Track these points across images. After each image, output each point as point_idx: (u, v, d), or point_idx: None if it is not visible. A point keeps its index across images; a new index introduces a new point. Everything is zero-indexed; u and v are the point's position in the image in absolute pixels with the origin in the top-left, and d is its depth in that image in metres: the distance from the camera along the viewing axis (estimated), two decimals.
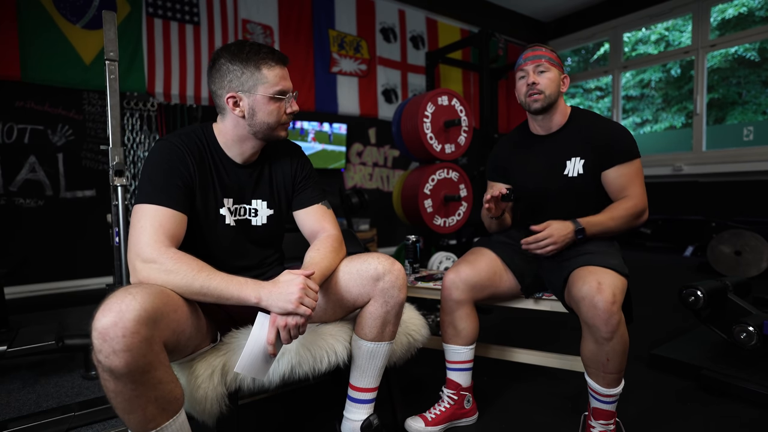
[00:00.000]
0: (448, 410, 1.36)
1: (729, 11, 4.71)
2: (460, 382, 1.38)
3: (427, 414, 1.35)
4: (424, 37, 5.07)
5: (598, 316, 1.08)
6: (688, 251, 4.27)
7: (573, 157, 1.36)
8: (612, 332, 1.08)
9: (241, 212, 1.13)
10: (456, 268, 1.37)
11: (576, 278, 1.16)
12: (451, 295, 1.35)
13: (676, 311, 2.37)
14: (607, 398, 1.17)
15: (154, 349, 0.78)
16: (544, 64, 1.34)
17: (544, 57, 1.34)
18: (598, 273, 1.13)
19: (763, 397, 1.41)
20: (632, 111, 5.68)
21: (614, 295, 1.08)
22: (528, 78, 1.35)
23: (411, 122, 2.53)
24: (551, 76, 1.33)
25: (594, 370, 1.16)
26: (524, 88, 1.36)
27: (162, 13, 3.49)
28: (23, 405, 1.51)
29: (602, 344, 1.11)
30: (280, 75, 1.05)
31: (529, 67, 1.35)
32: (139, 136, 3.38)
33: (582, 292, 1.11)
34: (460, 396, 1.38)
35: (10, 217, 2.99)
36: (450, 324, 1.37)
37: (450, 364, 1.39)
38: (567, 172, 1.36)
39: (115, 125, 1.59)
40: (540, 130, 1.43)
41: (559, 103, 1.38)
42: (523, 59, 1.37)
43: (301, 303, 0.89)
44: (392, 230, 4.75)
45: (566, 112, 1.41)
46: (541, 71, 1.34)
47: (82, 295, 3.10)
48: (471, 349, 1.37)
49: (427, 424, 1.33)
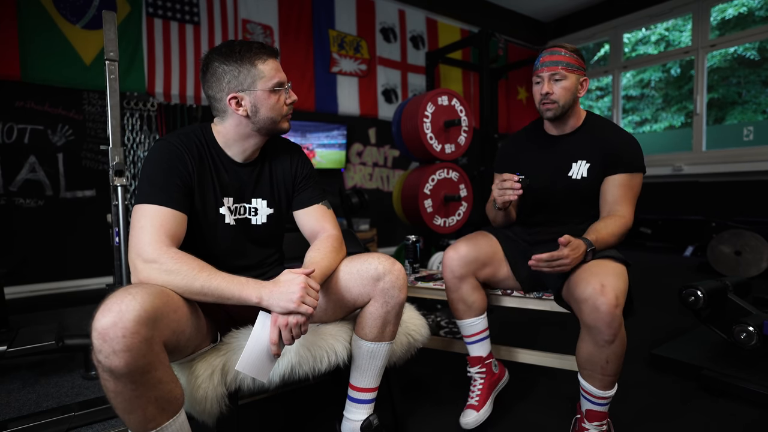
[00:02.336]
0: (485, 385, 1.40)
1: (729, 11, 4.71)
2: (482, 354, 1.42)
3: (470, 401, 1.39)
4: (424, 37, 5.07)
5: (600, 318, 1.07)
6: (688, 251, 4.27)
7: (579, 160, 1.36)
8: (614, 335, 1.08)
9: (241, 211, 1.13)
10: (454, 246, 1.39)
11: (578, 279, 1.15)
12: (453, 272, 1.36)
13: (676, 311, 2.37)
14: (602, 400, 1.15)
15: (154, 349, 0.78)
16: (560, 71, 1.29)
17: (561, 63, 1.30)
18: (601, 274, 1.12)
19: (763, 397, 1.41)
20: (632, 111, 5.68)
21: (617, 297, 1.07)
22: (543, 86, 1.31)
23: (411, 122, 2.53)
24: (567, 85, 1.30)
25: (590, 372, 1.15)
26: (538, 96, 1.34)
27: (162, 13, 3.49)
28: (23, 405, 1.51)
29: (603, 347, 1.10)
30: (274, 67, 1.05)
31: (545, 74, 1.31)
32: (139, 136, 3.38)
33: (585, 294, 1.10)
34: (487, 366, 1.42)
35: (10, 217, 2.98)
36: (459, 300, 1.39)
37: (468, 338, 1.42)
38: (571, 173, 1.36)
39: (115, 125, 1.59)
40: (554, 131, 1.43)
41: (574, 108, 1.36)
42: (540, 63, 1.33)
43: (302, 302, 0.89)
44: (392, 230, 4.75)
45: (581, 115, 1.40)
46: (556, 79, 1.30)
47: (82, 295, 3.10)
48: (484, 318, 1.41)
49: (479, 409, 1.36)
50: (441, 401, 1.52)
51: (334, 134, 4.28)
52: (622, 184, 1.31)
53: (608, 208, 1.32)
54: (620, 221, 1.28)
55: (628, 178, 1.31)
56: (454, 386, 1.62)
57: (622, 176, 1.31)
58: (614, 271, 1.15)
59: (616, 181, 1.31)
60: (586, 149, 1.35)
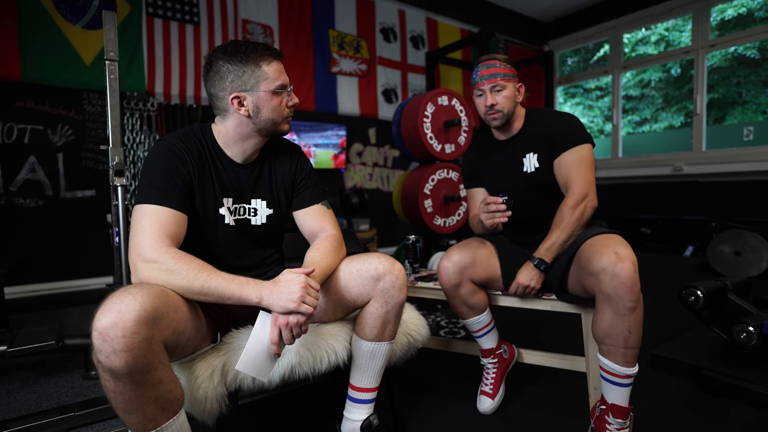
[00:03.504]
0: (498, 372, 1.48)
1: (728, 11, 4.70)
2: (492, 345, 1.48)
3: (484, 388, 1.47)
4: (424, 37, 5.07)
5: (622, 284, 1.07)
6: (688, 251, 4.27)
7: (527, 153, 1.41)
8: (636, 301, 1.08)
9: (240, 212, 1.13)
10: (448, 254, 1.41)
11: (590, 254, 1.16)
12: (450, 280, 1.39)
13: (676, 311, 2.37)
14: (625, 379, 1.13)
15: (154, 349, 0.78)
16: (499, 83, 1.37)
17: (499, 75, 1.37)
18: (612, 245, 1.13)
19: (763, 397, 1.41)
20: (632, 111, 5.68)
21: (634, 263, 1.09)
22: (486, 99, 1.38)
23: (411, 122, 2.53)
24: (507, 94, 1.38)
25: (612, 347, 1.13)
26: (483, 108, 1.40)
27: (162, 13, 3.49)
28: (23, 405, 1.51)
29: (625, 315, 1.09)
30: (278, 69, 1.06)
31: (486, 87, 1.38)
32: (139, 136, 3.38)
33: (601, 264, 1.10)
34: (499, 356, 1.49)
35: (10, 217, 2.98)
36: (461, 304, 1.42)
37: (476, 333, 1.47)
38: (525, 169, 1.42)
39: (115, 125, 1.59)
40: (501, 136, 1.49)
41: (516, 112, 1.43)
42: (479, 77, 1.40)
43: (302, 302, 0.89)
44: (392, 230, 4.75)
45: (522, 114, 1.46)
46: (497, 90, 1.37)
47: (82, 295, 3.10)
48: (488, 313, 1.46)
49: (493, 397, 1.44)
50: (441, 401, 1.52)
51: (328, 134, 4.26)
52: (570, 161, 1.34)
53: (564, 187, 1.36)
54: (568, 203, 1.31)
55: (573, 153, 1.34)
56: (454, 386, 1.62)
57: (567, 153, 1.34)
58: (621, 241, 1.17)
59: (564, 160, 1.35)
60: (531, 142, 1.41)
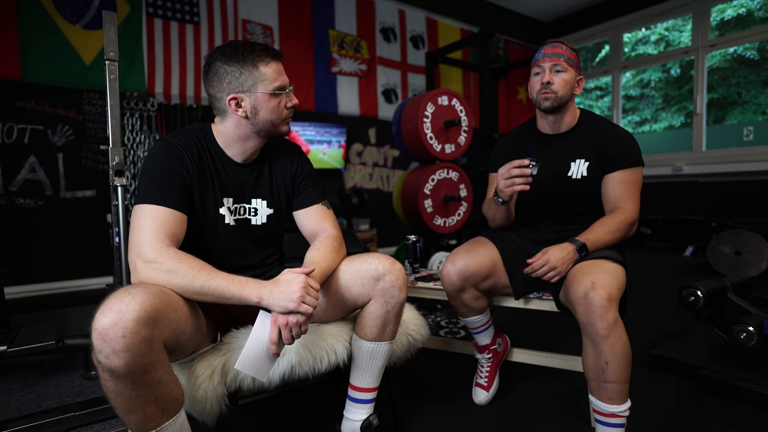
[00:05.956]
0: (492, 366, 1.52)
1: (728, 12, 4.70)
2: (487, 341, 1.52)
3: (479, 381, 1.52)
4: (424, 37, 5.07)
5: (593, 312, 1.06)
6: (688, 251, 4.27)
7: (578, 159, 1.35)
8: (608, 328, 1.05)
9: (240, 211, 1.13)
10: (452, 258, 1.37)
11: (571, 281, 1.16)
12: (453, 285, 1.37)
13: (676, 311, 2.37)
14: (610, 418, 1.08)
15: (154, 349, 0.78)
16: (561, 63, 1.30)
17: (563, 56, 1.31)
18: (592, 273, 1.12)
19: (763, 397, 1.41)
20: (632, 111, 5.68)
21: (609, 293, 1.07)
22: (543, 76, 1.31)
23: (411, 122, 2.53)
24: (567, 77, 1.31)
25: (593, 381, 1.11)
26: (538, 86, 1.33)
27: (162, 13, 3.49)
28: (23, 405, 1.51)
29: (599, 345, 1.07)
30: (277, 71, 1.05)
31: (547, 65, 1.31)
32: (139, 136, 3.38)
33: (577, 293, 1.10)
34: (493, 350, 1.53)
35: (10, 217, 2.98)
36: (461, 305, 1.43)
37: (474, 330, 1.50)
38: (571, 173, 1.36)
39: (115, 125, 1.59)
40: (548, 129, 1.41)
41: (570, 104, 1.37)
42: (542, 55, 1.33)
43: (302, 301, 0.89)
44: (392, 230, 4.74)
45: (576, 114, 1.40)
46: (557, 71, 1.31)
47: (82, 295, 3.10)
48: (486, 313, 1.48)
49: (488, 389, 1.49)
50: (441, 401, 1.52)
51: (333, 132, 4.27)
52: (623, 181, 1.31)
53: (611, 206, 1.33)
54: (619, 217, 1.29)
55: (627, 174, 1.31)
56: (454, 386, 1.62)
57: (621, 173, 1.31)
58: (607, 269, 1.15)
59: (617, 178, 1.31)
60: (583, 148, 1.35)
